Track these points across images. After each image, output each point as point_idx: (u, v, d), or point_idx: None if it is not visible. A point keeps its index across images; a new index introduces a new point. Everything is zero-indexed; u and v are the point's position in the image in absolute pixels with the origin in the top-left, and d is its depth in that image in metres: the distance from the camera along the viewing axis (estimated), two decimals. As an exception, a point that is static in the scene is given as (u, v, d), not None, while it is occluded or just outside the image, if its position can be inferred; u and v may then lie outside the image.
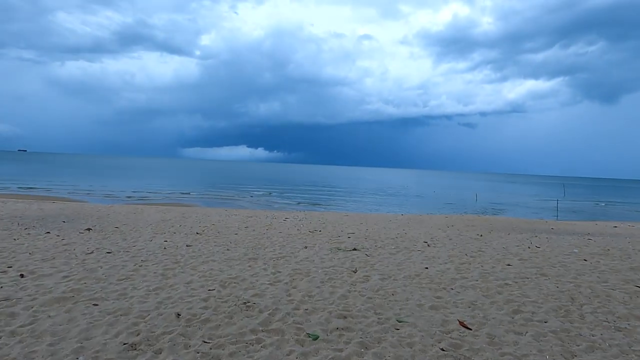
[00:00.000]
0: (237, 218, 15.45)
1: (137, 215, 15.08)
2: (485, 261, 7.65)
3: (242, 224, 13.53)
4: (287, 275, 6.09)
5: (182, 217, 14.92)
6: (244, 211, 19.32)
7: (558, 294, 5.56)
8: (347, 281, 5.91)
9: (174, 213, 16.28)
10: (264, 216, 16.56)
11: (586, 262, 7.72)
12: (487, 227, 15.75)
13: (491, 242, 10.18)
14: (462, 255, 8.16)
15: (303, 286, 5.56)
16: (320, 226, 13.63)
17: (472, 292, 5.58)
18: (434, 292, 5.53)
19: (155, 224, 12.47)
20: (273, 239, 9.94)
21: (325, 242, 9.56)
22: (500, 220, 19.10)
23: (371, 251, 8.47)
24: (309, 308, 4.67)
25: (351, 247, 8.87)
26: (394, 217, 18.87)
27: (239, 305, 4.65)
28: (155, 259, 6.95)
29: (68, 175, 48.28)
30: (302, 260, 7.29)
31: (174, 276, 5.84)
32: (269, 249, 8.43)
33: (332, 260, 7.31)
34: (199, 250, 7.99)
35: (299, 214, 18.32)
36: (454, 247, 9.31)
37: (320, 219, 16.57)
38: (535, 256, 8.24)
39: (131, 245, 8.34)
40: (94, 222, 12.29)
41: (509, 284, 6.00)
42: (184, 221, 13.67)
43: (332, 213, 20.17)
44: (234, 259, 7.17)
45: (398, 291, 5.50)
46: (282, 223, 14.18)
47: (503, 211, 29.81)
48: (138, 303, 4.60)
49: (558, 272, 6.83)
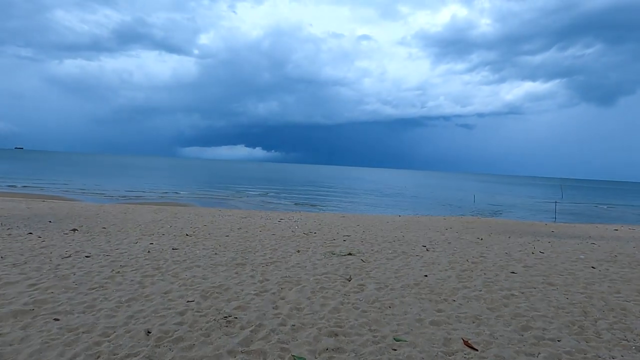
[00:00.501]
0: (231, 219, 14.95)
1: (128, 215, 14.56)
2: (487, 268, 7.17)
3: (235, 225, 13.03)
4: (275, 284, 5.58)
5: (173, 218, 14.41)
6: (238, 211, 18.82)
7: (569, 307, 5.08)
8: (340, 291, 5.41)
9: (165, 213, 15.77)
10: (259, 217, 16.06)
11: (594, 270, 7.25)
12: (486, 229, 15.30)
13: (492, 247, 9.71)
14: (463, 261, 7.67)
15: (292, 297, 5.05)
16: (315, 228, 13.14)
17: (476, 304, 5.09)
18: (435, 304, 5.05)
19: (145, 225, 11.96)
20: (265, 241, 9.44)
21: (320, 246, 9.06)
22: (500, 223, 18.65)
23: (367, 256, 7.98)
24: (297, 324, 4.17)
25: (346, 251, 8.37)
26: (391, 218, 18.40)
27: (218, 320, 4.14)
28: (136, 264, 6.44)
29: (63, 174, 47.63)
30: (294, 266, 6.79)
31: (152, 284, 5.32)
32: (259, 253, 7.93)
33: (326, 267, 6.81)
34: (184, 254, 7.48)
35: (295, 215, 17.82)
36: (454, 251, 8.83)
37: (316, 220, 16.08)
38: (540, 263, 7.76)
39: (114, 248, 7.83)
40: (81, 222, 11.76)
41: (515, 295, 5.52)
42: (175, 222, 13.16)
43: (328, 214, 19.68)
44: (221, 265, 6.66)
45: (395, 303, 5.00)
46: (277, 224, 13.69)
47: (501, 213, 29.35)
48: (105, 317, 4.09)
49: (566, 281, 6.35)
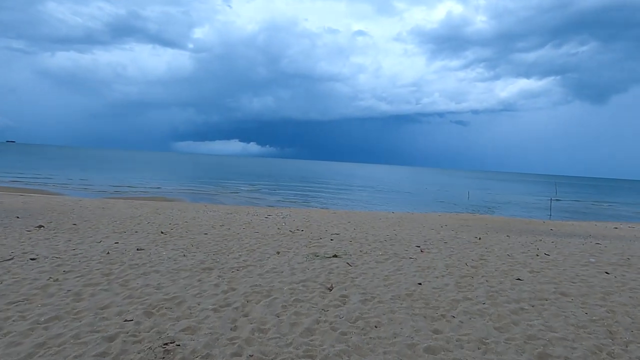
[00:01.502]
0: (215, 215, 13.97)
1: (106, 210, 13.54)
2: (490, 273, 6.27)
3: (218, 221, 12.06)
4: (241, 295, 4.63)
5: (154, 214, 13.40)
6: (224, 207, 17.84)
7: (591, 325, 4.19)
8: (317, 304, 4.48)
9: (147, 208, 14.75)
10: (245, 213, 15.09)
11: (609, 276, 6.36)
12: (483, 227, 14.45)
13: (492, 247, 8.82)
14: (462, 265, 6.76)
15: (258, 313, 4.11)
16: (303, 225, 12.21)
17: (480, 321, 4.18)
18: (430, 321, 4.13)
19: (121, 221, 10.97)
20: (244, 240, 8.49)
21: (304, 246, 8.13)
22: (496, 220, 17.82)
23: (354, 258, 7.05)
24: (255, 354, 3.23)
25: (331, 252, 7.44)
26: (384, 215, 17.51)
27: (155, 349, 3.19)
28: (84, 269, 5.47)
29: (51, 167, 46.27)
30: (269, 271, 5.84)
31: (91, 297, 4.36)
32: (234, 254, 6.98)
33: (305, 272, 5.87)
34: (148, 256, 6.52)
35: (283, 211, 16.86)
36: (450, 253, 7.92)
37: (305, 216, 15.14)
38: (548, 267, 6.87)
39: (70, 249, 6.85)
40: (52, 218, 10.77)
41: (525, 309, 4.62)
42: (155, 218, 12.17)
43: (319, 210, 18.74)
44: (184, 270, 5.70)
45: (383, 321, 4.08)
46: (263, 221, 12.74)
47: (496, 209, 28.67)
48: (5, 346, 3.14)
49: (581, 291, 5.46)
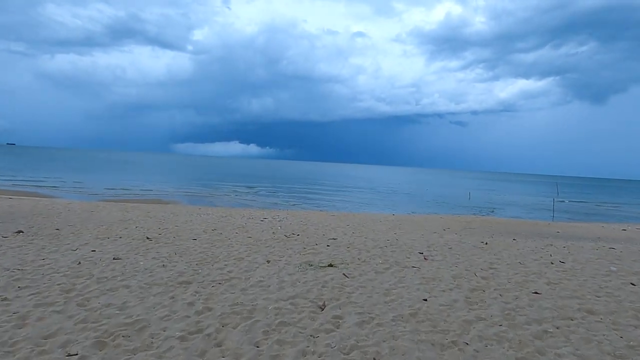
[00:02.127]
0: (208, 218, 13.29)
1: (94, 214, 12.86)
2: (502, 285, 5.56)
3: (211, 225, 11.38)
4: (217, 318, 3.93)
5: (144, 217, 12.72)
6: (220, 210, 17.13)
7: (631, 354, 3.49)
8: (306, 328, 3.78)
9: (138, 212, 14.07)
10: (240, 216, 14.40)
11: (636, 288, 5.66)
12: (487, 230, 13.74)
13: (501, 254, 8.11)
14: (471, 276, 6.06)
15: (233, 342, 3.41)
16: (299, 229, 11.52)
17: (499, 350, 3.48)
18: (439, 351, 3.43)
19: (107, 226, 10.29)
20: (234, 247, 7.80)
21: (297, 253, 7.44)
22: (500, 222, 17.11)
23: (352, 267, 6.36)
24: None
25: (327, 261, 6.74)
26: (384, 217, 16.81)
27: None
28: (44, 285, 4.77)
29: (48, 169, 45.59)
30: (254, 285, 5.14)
31: (37, 321, 3.65)
32: (219, 263, 6.28)
33: (296, 285, 5.17)
34: (123, 267, 5.82)
35: (280, 213, 16.17)
36: (457, 260, 7.22)
37: (302, 219, 14.45)
38: (566, 277, 6.15)
39: (39, 259, 6.17)
40: (37, 223, 10.10)
41: (550, 332, 3.92)
42: (145, 222, 11.48)
43: (317, 212, 18.03)
44: (158, 284, 5.00)
45: (383, 350, 3.38)
46: (258, 224, 12.05)
47: (498, 210, 28.00)
48: None
49: (609, 307, 4.75)
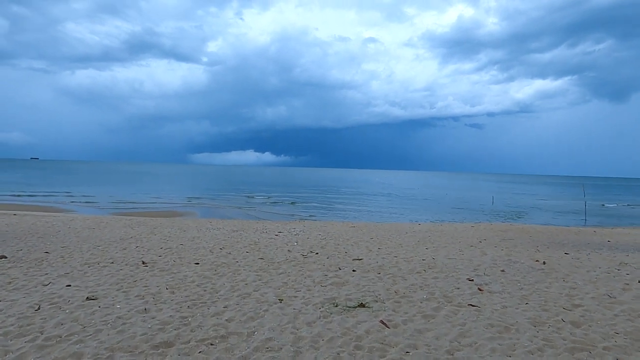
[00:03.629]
0: (218, 233, 11.95)
1: (95, 231, 11.67)
2: (610, 339, 3.92)
3: (220, 242, 10.02)
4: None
5: (150, 233, 11.47)
6: (233, 222, 15.80)
7: None
8: None
9: (142, 228, 12.84)
10: (253, 230, 13.02)
11: None
12: (528, 241, 11.95)
13: (571, 279, 6.44)
14: (556, 321, 4.42)
15: None
16: (318, 244, 10.06)
17: None
18: None
19: (104, 247, 9.06)
20: (241, 274, 6.39)
21: (318, 283, 5.95)
22: (539, 231, 15.23)
23: (390, 308, 4.82)
24: None
25: (356, 297, 5.23)
26: (409, 227, 15.17)
27: None
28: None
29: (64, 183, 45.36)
30: (259, 348, 3.62)
31: None
32: (217, 306, 4.81)
33: (317, 348, 3.65)
34: (90, 315, 4.37)
35: (296, 225, 14.72)
36: (521, 291, 5.60)
37: (320, 231, 12.97)
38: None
39: (1, 298, 4.88)
40: (28, 244, 9.02)
41: None
42: (147, 240, 10.20)
43: (335, 223, 16.50)
44: (123, 350, 3.54)
45: None
46: (272, 240, 10.64)
47: (525, 215, 26.12)
48: None
49: None
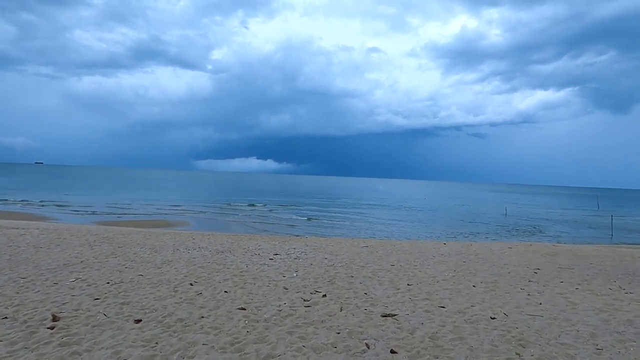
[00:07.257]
0: (198, 255, 9.14)
1: (43, 250, 8.94)
2: None
3: (193, 273, 7.20)
4: None
5: (107, 256, 8.67)
6: (221, 237, 12.96)
7: None
8: None
9: (106, 247, 9.97)
10: (243, 251, 10.16)
11: None
12: (597, 272, 8.88)
13: None
14: None
15: None
16: (325, 277, 7.21)
17: None
18: None
19: (31, 278, 6.35)
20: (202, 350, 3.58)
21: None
22: (594, 255, 12.11)
23: None
24: None
25: None
26: (434, 247, 12.25)
27: None
28: None
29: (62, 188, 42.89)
30: None
31: None
32: None
33: None
34: None
35: (297, 244, 11.82)
36: None
37: (326, 253, 10.09)
38: None
39: None
40: None
41: None
42: (98, 267, 7.40)
43: (344, 241, 13.60)
44: None
45: None
46: (264, 269, 7.80)
47: (543, 229, 24.64)
48: None
49: None
